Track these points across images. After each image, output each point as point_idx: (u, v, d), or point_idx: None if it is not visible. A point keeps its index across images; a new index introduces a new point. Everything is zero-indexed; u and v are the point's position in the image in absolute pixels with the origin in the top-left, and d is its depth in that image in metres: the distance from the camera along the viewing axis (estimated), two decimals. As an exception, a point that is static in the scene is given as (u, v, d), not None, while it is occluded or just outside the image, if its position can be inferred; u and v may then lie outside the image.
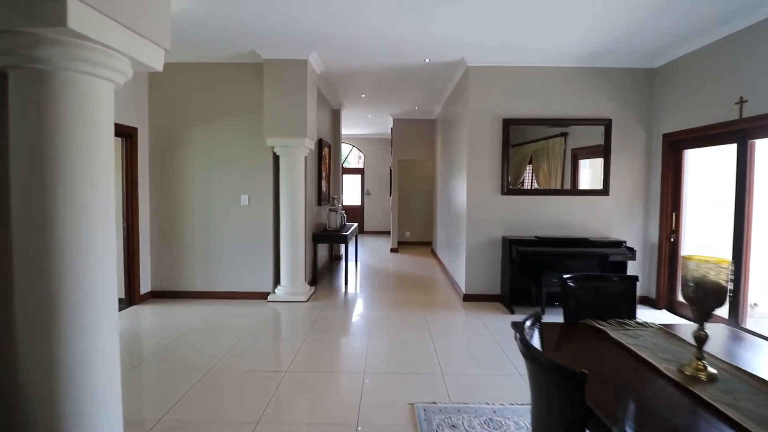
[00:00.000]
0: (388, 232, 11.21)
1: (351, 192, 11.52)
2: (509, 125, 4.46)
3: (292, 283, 4.55)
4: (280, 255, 4.55)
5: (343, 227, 6.03)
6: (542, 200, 4.51)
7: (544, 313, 4.09)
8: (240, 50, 4.27)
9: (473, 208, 4.52)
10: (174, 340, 3.38)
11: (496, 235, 4.52)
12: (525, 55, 4.27)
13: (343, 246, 6.48)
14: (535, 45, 4.01)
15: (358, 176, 11.63)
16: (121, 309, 4.28)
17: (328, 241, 5.46)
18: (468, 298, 4.57)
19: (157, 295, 4.67)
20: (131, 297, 4.40)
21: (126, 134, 4.24)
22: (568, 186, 4.55)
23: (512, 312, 4.14)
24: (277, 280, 4.73)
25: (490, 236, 4.52)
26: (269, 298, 4.56)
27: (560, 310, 2.07)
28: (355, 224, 6.73)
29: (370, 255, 7.81)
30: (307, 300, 4.57)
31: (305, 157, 4.69)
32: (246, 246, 4.60)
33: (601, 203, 4.52)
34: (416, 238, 9.26)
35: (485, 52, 4.23)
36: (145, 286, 4.57)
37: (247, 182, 4.56)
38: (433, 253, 7.93)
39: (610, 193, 4.50)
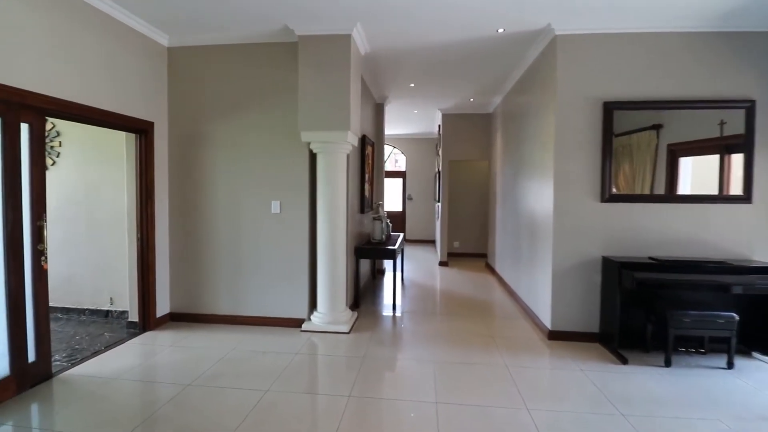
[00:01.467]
0: (432, 241, 10.27)
1: (391, 197, 10.67)
2: (612, 110, 3.41)
3: (331, 308, 3.72)
4: (317, 273, 3.75)
5: (389, 238, 5.16)
6: (658, 209, 3.42)
7: (670, 364, 3.00)
8: (270, 26, 3.52)
9: (562, 219, 3.50)
10: (188, 388, 2.63)
11: (592, 254, 3.47)
12: (632, 17, 3.23)
13: (388, 260, 5.62)
14: (646, 2, 2.99)
15: (399, 180, 10.77)
16: (133, 335, 3.62)
17: (373, 257, 4.60)
18: (555, 335, 3.54)
19: (177, 318, 3.99)
20: (146, 321, 3.74)
21: (140, 130, 3.60)
22: (661, 190, 3.43)
23: (624, 361, 3.07)
24: (313, 304, 3.92)
25: (584, 255, 3.48)
26: (304, 326, 3.75)
27: (696, 360, 1.05)
28: (401, 234, 5.85)
29: (416, 269, 6.89)
30: (349, 331, 3.72)
31: (347, 156, 3.87)
32: (277, 262, 3.83)
33: (739, 213, 3.36)
34: (466, 249, 8.23)
35: (579, 16, 3.24)
36: (162, 307, 3.90)
37: (279, 186, 3.79)
38: (490, 268, 6.89)
39: (754, 199, 3.34)
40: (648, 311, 3.24)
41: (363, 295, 5.01)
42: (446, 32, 3.64)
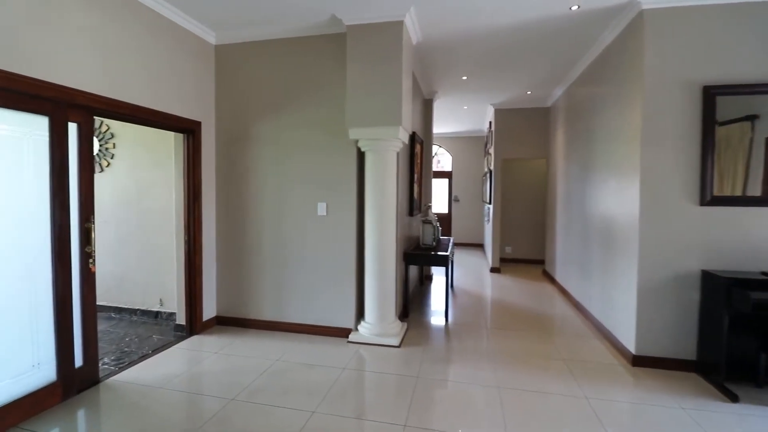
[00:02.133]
0: (479, 245, 9.75)
1: (435, 198, 10.27)
2: (714, 96, 2.86)
3: (380, 319, 3.44)
4: (365, 280, 3.48)
5: (439, 243, 4.82)
6: (775, 213, 2.82)
7: (800, 407, 2.42)
8: (318, 17, 3.31)
9: (650, 225, 2.98)
10: (231, 403, 2.46)
11: (689, 267, 2.92)
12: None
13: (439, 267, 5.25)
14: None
15: (444, 180, 10.35)
16: (180, 339, 3.55)
17: (423, 263, 4.28)
18: (640, 361, 3.02)
19: (222, 322, 3.90)
20: (192, 324, 3.66)
21: (188, 130, 3.52)
22: (757, 191, 2.80)
23: (733, 398, 2.53)
24: (360, 313, 3.67)
25: (678, 269, 2.94)
26: (351, 336, 3.50)
27: None
28: (450, 238, 5.48)
29: (466, 275, 6.47)
30: (400, 344, 3.42)
31: (397, 155, 3.57)
32: (323, 267, 3.61)
33: None
34: (520, 255, 7.67)
35: (679, -17, 2.73)
36: (209, 311, 3.82)
37: (325, 187, 3.58)
38: (548, 277, 6.32)
39: None
40: (763, 338, 2.66)
41: (411, 303, 4.70)
42: (509, 12, 3.24)
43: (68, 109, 2.46)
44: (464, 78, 5.08)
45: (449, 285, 4.36)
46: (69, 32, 2.45)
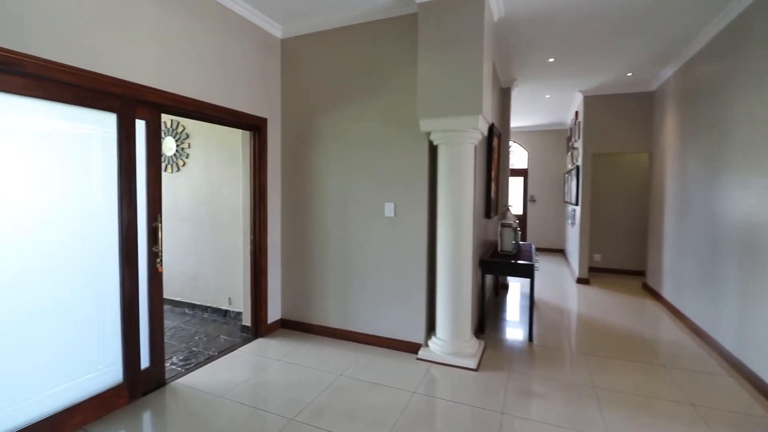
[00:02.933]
0: (559, 251, 8.80)
1: (510, 198, 9.50)
2: None
3: (454, 335, 3.03)
4: (437, 290, 3.09)
5: (519, 249, 4.25)
6: None
7: None
8: (389, -5, 2.99)
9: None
10: (291, 423, 2.23)
11: None
12: None
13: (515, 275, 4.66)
14: None
15: (519, 179, 9.54)
16: (245, 341, 3.46)
17: (504, 272, 3.75)
18: (813, 418, 2.26)
19: (287, 325, 3.76)
20: (257, 326, 3.56)
21: (255, 127, 3.42)
22: None
23: None
24: (431, 327, 3.29)
25: None
26: (421, 353, 3.13)
27: None
28: (531, 244, 4.86)
29: (547, 286, 5.75)
30: (477, 367, 2.97)
31: (474, 148, 3.12)
32: (390, 274, 3.29)
33: None
34: (612, 264, 6.70)
35: None
36: (274, 313, 3.70)
37: (393, 185, 3.25)
38: (650, 292, 5.38)
39: None
40: None
41: (486, 316, 4.20)
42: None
43: (136, 106, 2.41)
44: (550, 60, 4.44)
45: (532, 298, 3.79)
46: (136, 28, 2.40)
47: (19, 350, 1.93)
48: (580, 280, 5.84)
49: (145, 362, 2.57)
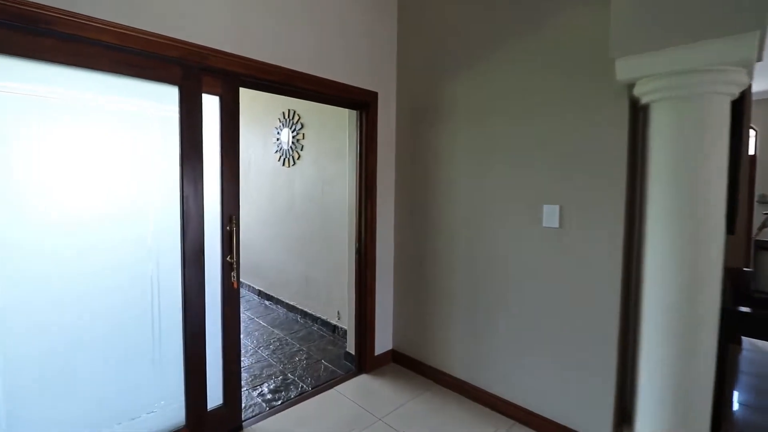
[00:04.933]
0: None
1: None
2: None
3: (673, 446, 1.67)
4: (640, 355, 1.77)
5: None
6: None
7: None
8: None
9: None
10: None
11: None
12: None
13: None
14: None
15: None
16: (347, 375, 2.77)
17: None
18: None
19: (399, 360, 2.93)
20: (362, 358, 2.83)
21: (361, 104, 2.65)
22: None
23: None
24: (621, 412, 1.97)
25: None
26: (600, 456, 1.87)
27: None
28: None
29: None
30: None
31: (729, 106, 1.65)
32: (550, 316, 2.10)
33: None
34: None
35: None
36: (383, 341, 2.92)
37: (558, 177, 2.03)
38: None
39: None
40: None
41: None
42: None
43: (201, 76, 1.86)
44: None
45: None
46: (203, -28, 1.84)
47: (64, 384, 1.55)
48: None
49: (216, 399, 2.05)
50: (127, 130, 1.69)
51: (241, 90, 2.06)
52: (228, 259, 2.05)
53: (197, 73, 1.84)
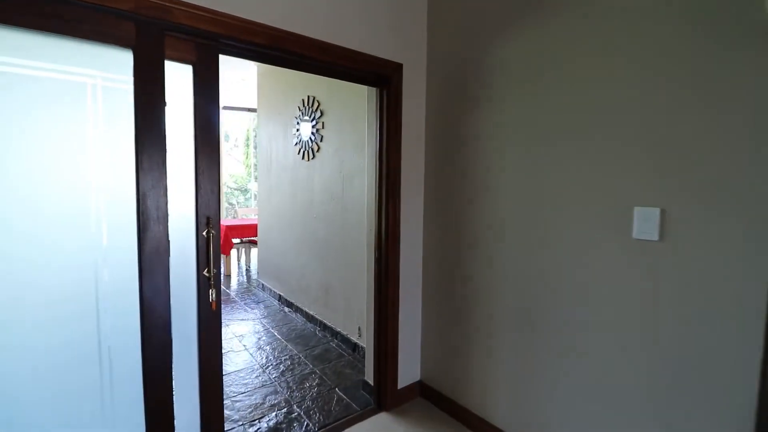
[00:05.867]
0: None
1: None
2: None
3: None
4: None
5: None
6: None
7: None
8: None
9: None
10: None
11: None
12: None
13: None
14: None
15: None
16: (364, 412, 2.27)
17: None
18: None
19: (427, 394, 2.39)
20: (381, 392, 2.32)
21: (382, 78, 2.13)
22: None
23: None
24: None
25: None
26: None
27: None
28: None
29: None
30: None
31: None
32: (641, 361, 1.47)
33: None
34: None
35: None
36: (408, 371, 2.39)
37: (660, 164, 1.39)
38: None
39: None
40: None
41: None
42: None
43: (164, 37, 1.43)
44: None
45: None
46: None
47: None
48: None
49: (190, 448, 1.63)
50: (58, 107, 1.28)
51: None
52: (205, 273, 1.61)
53: (158, 32, 1.41)
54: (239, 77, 5.32)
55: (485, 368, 2.04)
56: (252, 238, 5.55)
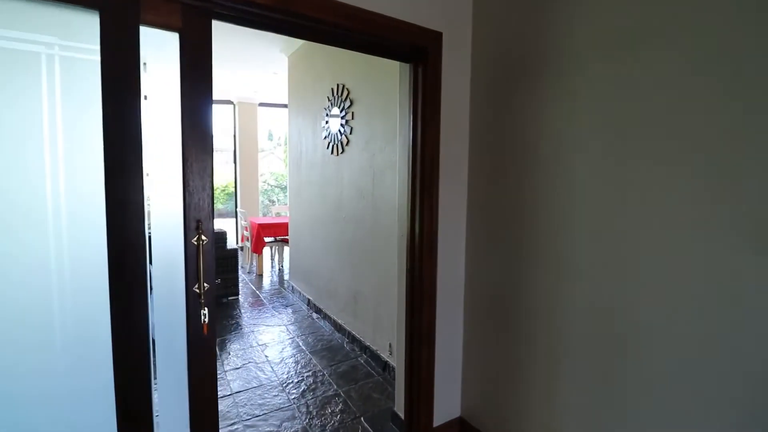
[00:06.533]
0: None
1: None
2: None
3: None
4: None
5: None
6: None
7: None
8: None
9: None
10: None
11: None
12: None
13: None
14: None
15: None
16: (388, 451, 1.91)
17: None
18: None
19: (468, 432, 1.99)
20: (413, 428, 1.95)
21: (417, 51, 1.74)
22: None
23: None
24: None
25: None
26: None
27: None
28: None
29: None
30: None
31: None
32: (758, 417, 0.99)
33: None
34: None
35: None
36: (446, 406, 2.00)
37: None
38: None
39: None
40: None
41: None
42: None
43: (136, -7, 1.13)
44: None
45: None
46: None
47: None
48: None
49: (177, 499, 1.35)
50: (2, 80, 1.02)
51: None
52: (195, 289, 1.32)
53: (130, -12, 1.12)
54: (271, 71, 5.12)
55: (544, 411, 1.60)
56: (284, 237, 5.37)
